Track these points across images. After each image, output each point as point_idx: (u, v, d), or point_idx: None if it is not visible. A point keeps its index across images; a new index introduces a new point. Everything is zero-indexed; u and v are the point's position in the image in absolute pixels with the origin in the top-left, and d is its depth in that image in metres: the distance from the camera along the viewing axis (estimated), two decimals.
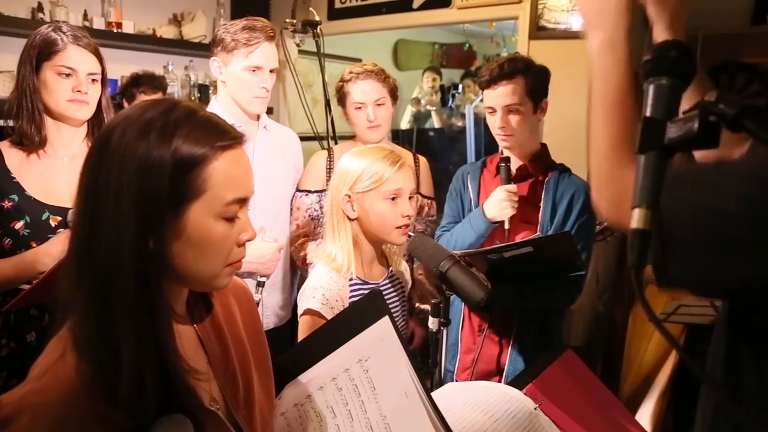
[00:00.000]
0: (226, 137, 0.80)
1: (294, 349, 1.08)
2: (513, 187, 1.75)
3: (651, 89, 0.70)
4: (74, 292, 0.76)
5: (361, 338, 1.02)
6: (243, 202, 0.82)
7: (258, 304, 1.78)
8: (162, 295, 0.78)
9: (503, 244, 1.63)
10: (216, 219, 0.79)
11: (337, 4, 3.43)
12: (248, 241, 0.85)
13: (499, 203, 1.72)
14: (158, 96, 2.74)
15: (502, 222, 1.74)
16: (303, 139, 2.34)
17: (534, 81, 1.78)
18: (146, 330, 0.74)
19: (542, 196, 1.79)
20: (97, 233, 0.74)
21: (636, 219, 0.65)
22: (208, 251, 0.79)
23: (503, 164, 1.79)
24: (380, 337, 1.03)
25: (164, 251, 0.77)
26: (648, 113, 0.69)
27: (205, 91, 3.36)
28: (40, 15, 2.66)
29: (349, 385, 0.99)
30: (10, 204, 1.56)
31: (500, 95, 1.77)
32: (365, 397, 0.99)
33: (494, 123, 1.80)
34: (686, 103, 0.68)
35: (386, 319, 1.03)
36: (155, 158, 0.74)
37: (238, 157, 0.82)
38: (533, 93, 1.78)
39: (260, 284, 1.81)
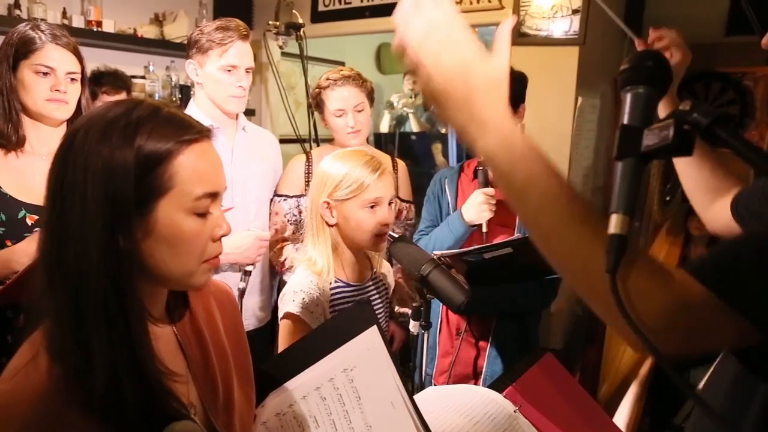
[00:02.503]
0: (191, 131, 0.79)
1: (278, 357, 1.07)
2: (491, 190, 1.76)
3: (628, 98, 0.71)
4: (45, 295, 0.76)
5: (348, 348, 1.02)
6: (214, 196, 0.81)
7: (243, 293, 1.77)
8: (135, 297, 0.77)
9: (483, 245, 1.65)
10: (186, 215, 0.78)
11: (321, 7, 3.42)
12: (223, 236, 0.84)
13: (477, 206, 1.74)
14: (122, 96, 2.63)
15: (480, 225, 1.75)
16: (285, 141, 2.33)
17: (513, 86, 1.80)
18: (120, 332, 0.74)
19: None
20: (65, 236, 0.74)
21: (613, 224, 0.66)
22: (181, 248, 0.79)
23: (481, 168, 1.80)
24: (367, 347, 1.03)
25: (136, 251, 0.76)
26: (625, 121, 0.70)
27: (186, 92, 3.33)
28: (17, 12, 2.61)
29: (333, 395, 0.99)
30: None
31: None
32: (350, 407, 0.99)
33: None
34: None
35: (374, 329, 1.03)
36: (118, 159, 0.73)
37: (205, 151, 0.81)
38: (512, 98, 1.80)
39: (246, 273, 1.80)
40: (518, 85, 1.82)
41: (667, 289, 0.66)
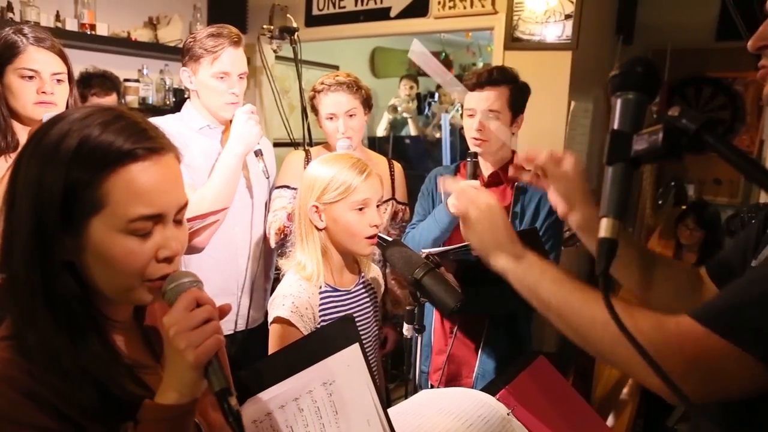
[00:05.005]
0: (140, 146, 0.75)
1: (258, 364, 1.06)
2: (475, 182, 1.77)
3: (618, 103, 0.72)
4: (5, 301, 0.77)
5: (329, 362, 1.02)
6: (154, 218, 0.77)
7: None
8: (84, 304, 0.78)
9: None
10: (122, 234, 0.75)
11: (315, 11, 3.43)
12: (170, 257, 0.79)
13: None
14: (112, 97, 2.60)
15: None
16: (279, 145, 2.33)
17: (516, 94, 1.83)
18: (78, 337, 0.75)
19: (511, 201, 1.82)
20: (9, 241, 0.76)
21: (604, 228, 0.67)
22: (115, 267, 0.76)
23: (470, 159, 1.81)
24: (348, 363, 1.03)
25: (77, 263, 0.77)
26: (615, 126, 0.71)
27: (180, 95, 3.33)
28: (10, 15, 2.60)
29: (311, 407, 0.99)
30: None
31: (484, 99, 1.80)
32: (326, 420, 1.00)
33: (471, 125, 1.83)
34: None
35: (356, 346, 1.04)
36: (48, 175, 0.73)
37: (151, 169, 0.76)
38: (513, 105, 1.82)
39: (258, 153, 1.90)
40: (520, 95, 1.84)
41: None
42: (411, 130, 4.95)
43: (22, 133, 1.62)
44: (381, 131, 5.01)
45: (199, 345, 0.72)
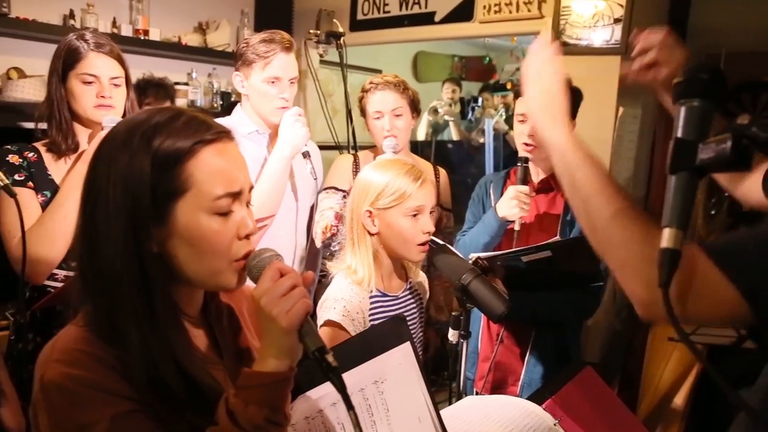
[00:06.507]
0: (209, 132, 0.81)
1: (308, 364, 1.08)
2: (525, 188, 1.75)
3: (682, 111, 0.70)
4: (82, 295, 0.81)
5: (380, 360, 1.03)
6: (235, 195, 0.82)
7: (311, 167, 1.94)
8: (167, 297, 0.81)
9: (522, 248, 1.64)
10: (207, 214, 0.79)
11: (360, 16, 3.46)
12: (249, 234, 0.84)
13: (508, 201, 1.73)
14: (166, 105, 2.68)
15: (514, 223, 1.75)
16: (323, 148, 2.36)
17: (570, 99, 1.79)
18: (151, 329, 0.78)
19: (562, 208, 1.79)
20: (94, 241, 0.78)
21: (666, 238, 0.66)
22: (203, 248, 0.80)
23: (521, 164, 1.79)
24: (399, 362, 1.04)
25: (163, 253, 0.80)
26: (679, 134, 0.69)
27: (227, 98, 3.41)
28: (71, 21, 2.72)
29: (362, 405, 0.99)
30: (42, 199, 1.61)
31: None
32: (378, 417, 1.00)
33: (523, 131, 1.81)
34: None
35: (408, 345, 1.05)
36: (136, 165, 0.77)
37: (223, 151, 0.82)
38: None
39: (306, 155, 1.92)
40: (576, 99, 1.81)
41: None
42: (452, 133, 4.93)
43: (83, 135, 1.69)
44: (421, 135, 5.00)
45: (290, 310, 0.76)
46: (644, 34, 1.12)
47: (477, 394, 1.87)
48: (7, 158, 1.59)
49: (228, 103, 3.34)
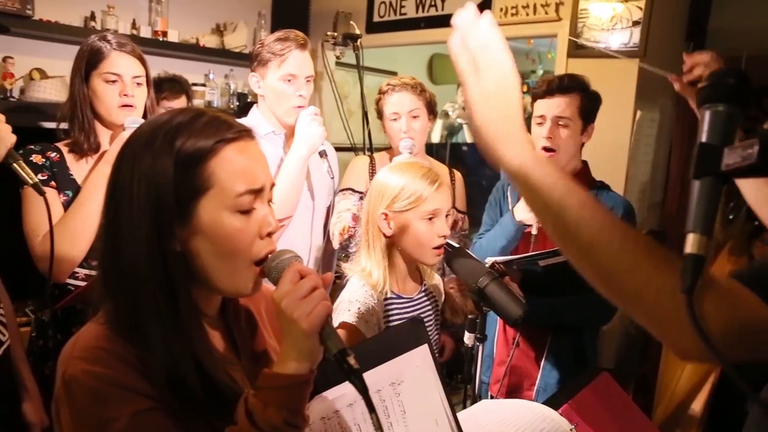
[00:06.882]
0: (230, 131, 0.82)
1: (325, 363, 1.09)
2: None
3: (707, 115, 0.70)
4: (104, 293, 0.82)
5: (397, 362, 1.02)
6: (257, 192, 0.82)
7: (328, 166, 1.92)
8: (188, 296, 0.81)
9: (539, 252, 1.63)
10: (229, 212, 0.80)
11: (376, 18, 3.47)
12: (272, 233, 0.84)
13: (526, 205, 1.72)
14: (182, 100, 2.68)
15: (531, 227, 1.74)
16: (339, 149, 2.37)
17: (588, 102, 1.79)
18: (173, 327, 0.79)
19: None
20: (117, 240, 0.79)
21: (690, 244, 0.65)
22: (226, 246, 0.80)
23: None
24: (417, 364, 1.03)
25: (186, 252, 0.80)
26: (704, 139, 0.69)
27: (243, 99, 3.44)
28: (92, 23, 2.76)
29: (379, 406, 0.99)
30: (65, 198, 1.63)
31: (554, 105, 1.77)
32: (394, 419, 1.00)
33: (540, 133, 1.79)
34: None
35: (425, 347, 1.04)
36: (159, 165, 0.78)
37: (244, 149, 0.82)
38: (584, 114, 1.79)
39: (322, 154, 1.90)
40: (591, 103, 1.80)
41: (736, 310, 0.68)
42: (466, 136, 4.92)
43: (104, 136, 1.71)
44: (436, 137, 5.00)
45: (311, 312, 0.76)
46: (694, 55, 1.16)
47: (492, 398, 1.86)
48: (31, 158, 1.61)
49: (244, 104, 3.37)
